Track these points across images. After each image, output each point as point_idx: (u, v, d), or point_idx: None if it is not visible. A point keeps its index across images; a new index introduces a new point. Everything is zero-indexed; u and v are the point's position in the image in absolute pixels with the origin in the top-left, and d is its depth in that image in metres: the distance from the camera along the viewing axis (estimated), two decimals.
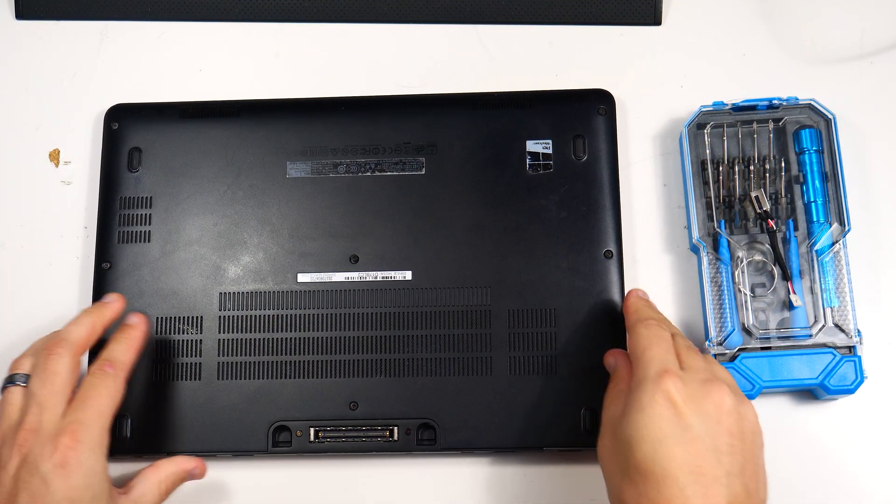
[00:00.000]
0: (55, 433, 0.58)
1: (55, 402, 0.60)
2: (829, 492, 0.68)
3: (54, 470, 0.57)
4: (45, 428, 0.58)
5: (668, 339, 0.60)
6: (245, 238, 0.72)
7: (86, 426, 0.59)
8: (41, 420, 0.59)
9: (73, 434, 0.58)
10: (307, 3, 0.79)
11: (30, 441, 0.58)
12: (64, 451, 0.57)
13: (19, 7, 0.80)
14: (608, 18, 0.78)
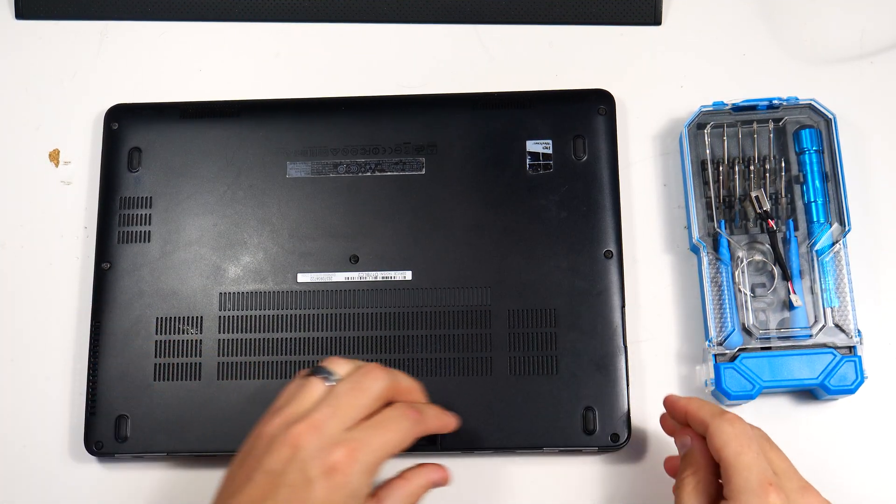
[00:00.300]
0: (335, 441, 0.55)
1: (350, 413, 0.57)
2: (829, 492, 0.67)
3: (321, 476, 0.54)
4: (328, 432, 0.56)
5: (755, 438, 0.58)
6: (245, 238, 0.72)
7: (367, 449, 0.56)
8: (328, 422, 0.56)
9: (353, 451, 0.55)
10: (307, 3, 0.79)
11: (307, 437, 0.55)
12: (337, 464, 0.55)
13: (19, 7, 0.80)
14: (608, 18, 0.78)
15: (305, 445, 0.55)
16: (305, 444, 0.55)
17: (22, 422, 0.72)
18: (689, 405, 0.61)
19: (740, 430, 0.57)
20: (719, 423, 0.58)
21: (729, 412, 0.60)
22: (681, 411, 0.62)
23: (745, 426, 0.58)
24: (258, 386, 0.69)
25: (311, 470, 0.54)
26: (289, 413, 0.57)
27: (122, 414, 0.69)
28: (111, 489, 0.70)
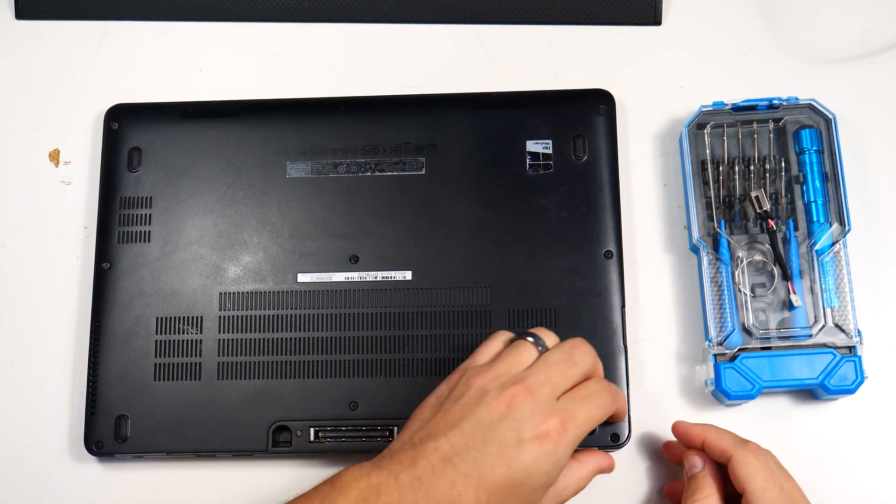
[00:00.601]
0: (548, 409, 0.56)
1: (561, 383, 0.58)
2: (830, 492, 0.68)
3: (533, 441, 0.55)
4: (541, 398, 0.56)
5: (777, 471, 0.60)
6: (245, 238, 0.72)
7: (576, 422, 0.57)
8: (542, 388, 0.57)
9: (564, 422, 0.56)
10: (307, 3, 0.79)
11: (522, 398, 0.56)
12: (550, 431, 0.55)
13: (19, 7, 0.80)
14: (608, 18, 0.78)
15: (520, 407, 0.56)
16: (520, 406, 0.56)
17: (22, 422, 0.72)
18: (706, 433, 0.63)
19: (764, 462, 0.60)
20: (744, 455, 0.60)
21: (751, 442, 0.62)
22: (697, 438, 0.64)
23: (767, 458, 0.60)
24: (258, 386, 0.69)
25: (523, 432, 0.55)
26: (501, 371, 0.58)
27: (122, 414, 0.69)
28: (111, 489, 0.70)
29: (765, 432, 0.68)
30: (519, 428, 0.55)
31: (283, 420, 0.68)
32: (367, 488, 0.55)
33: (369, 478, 0.55)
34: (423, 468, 0.55)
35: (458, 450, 0.55)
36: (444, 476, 0.54)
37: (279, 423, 0.68)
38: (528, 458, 0.55)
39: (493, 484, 0.54)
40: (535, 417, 0.56)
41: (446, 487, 0.54)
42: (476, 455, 0.55)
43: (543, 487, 0.56)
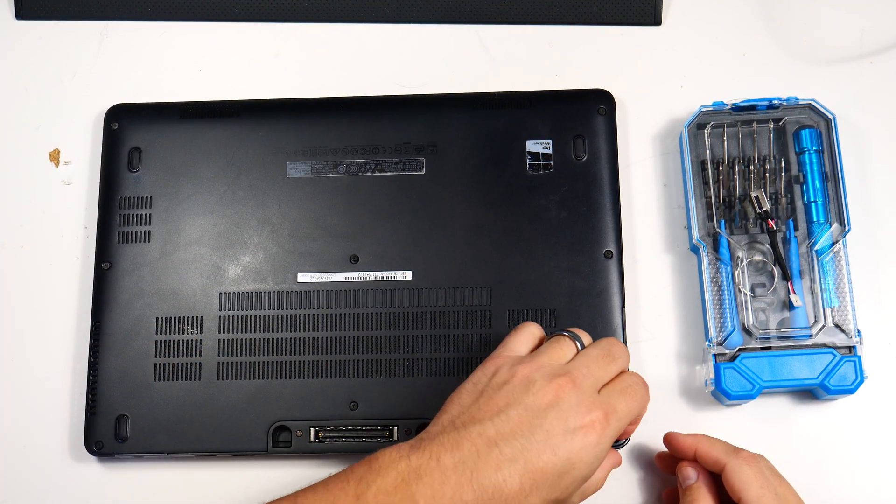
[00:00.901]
0: (592, 402, 0.57)
1: (601, 377, 0.59)
2: (830, 492, 0.68)
3: (579, 430, 0.56)
4: (585, 390, 0.57)
5: (771, 478, 0.60)
6: (245, 238, 0.72)
7: (617, 416, 0.58)
8: (586, 381, 0.58)
9: (607, 415, 0.57)
10: (307, 3, 0.79)
11: (568, 389, 0.57)
12: (594, 423, 0.56)
13: (19, 7, 0.80)
14: (608, 18, 0.78)
15: (567, 397, 0.57)
16: (567, 396, 0.57)
17: (22, 422, 0.72)
18: (698, 443, 0.63)
19: (758, 470, 0.60)
20: (738, 464, 0.60)
21: (742, 450, 0.62)
22: (688, 449, 0.64)
23: (761, 466, 0.61)
24: (258, 386, 0.69)
25: (570, 421, 0.56)
26: (544, 362, 0.59)
27: (122, 414, 0.69)
28: (111, 489, 0.70)
29: (765, 432, 0.68)
30: (566, 417, 0.56)
31: (283, 420, 0.68)
32: (406, 470, 0.55)
33: (409, 459, 0.55)
34: (467, 451, 0.55)
35: (505, 435, 0.55)
36: (489, 460, 0.55)
37: (279, 423, 0.68)
38: (574, 448, 0.55)
39: (538, 471, 0.55)
40: (581, 408, 0.56)
41: (492, 471, 0.54)
42: (523, 441, 0.55)
43: (583, 479, 0.57)
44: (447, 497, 0.54)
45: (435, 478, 0.54)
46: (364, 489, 0.54)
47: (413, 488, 0.54)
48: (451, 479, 0.54)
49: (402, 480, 0.54)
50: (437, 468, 0.55)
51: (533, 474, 0.55)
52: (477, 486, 0.54)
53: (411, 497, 0.54)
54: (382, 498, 0.54)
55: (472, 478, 0.54)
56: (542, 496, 0.55)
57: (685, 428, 0.68)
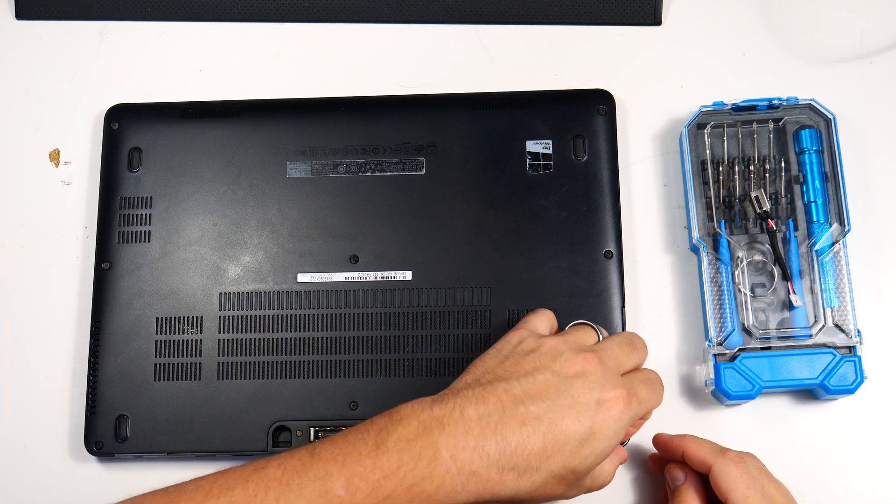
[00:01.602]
0: (616, 380, 0.58)
1: (623, 363, 0.60)
2: (830, 492, 0.68)
3: (604, 403, 0.56)
4: (610, 369, 0.58)
5: (757, 478, 0.60)
6: (245, 238, 0.72)
7: (638, 400, 0.58)
8: (610, 361, 0.58)
9: (629, 395, 0.57)
10: (307, 3, 0.79)
11: (595, 364, 0.58)
12: (618, 399, 0.57)
13: (19, 7, 0.80)
14: (608, 18, 0.78)
15: (593, 371, 0.57)
16: (593, 371, 0.57)
17: (22, 422, 0.72)
18: (685, 445, 0.64)
19: (744, 470, 0.60)
20: (724, 465, 0.60)
21: (729, 450, 0.62)
22: (676, 450, 0.64)
23: (747, 466, 0.61)
24: (258, 386, 0.69)
25: (595, 394, 0.56)
26: (570, 339, 0.60)
27: (122, 414, 0.69)
28: (111, 489, 0.70)
29: (765, 432, 0.68)
30: (592, 388, 0.57)
31: (283, 420, 0.68)
32: (429, 419, 0.54)
33: (431, 410, 0.55)
34: (492, 405, 0.55)
35: (532, 395, 0.56)
36: (514, 416, 0.55)
37: (279, 423, 0.68)
38: (598, 419, 0.56)
39: (561, 434, 0.55)
40: (607, 383, 0.57)
41: (517, 426, 0.54)
42: (549, 403, 0.55)
43: (601, 453, 0.57)
44: (469, 447, 0.54)
45: (458, 428, 0.54)
46: (384, 438, 0.54)
47: (435, 436, 0.54)
48: (475, 429, 0.54)
49: (424, 429, 0.54)
50: (461, 419, 0.54)
51: (556, 436, 0.55)
52: (501, 439, 0.54)
53: (433, 444, 0.53)
54: (403, 445, 0.53)
55: (497, 430, 0.54)
56: (561, 461, 0.55)
57: (685, 428, 0.68)
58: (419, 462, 0.53)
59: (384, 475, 0.53)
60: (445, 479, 0.53)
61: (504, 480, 0.54)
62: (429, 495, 0.53)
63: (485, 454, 0.54)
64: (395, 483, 0.53)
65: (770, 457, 0.65)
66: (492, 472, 0.54)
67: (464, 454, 0.53)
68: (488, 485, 0.54)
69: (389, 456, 0.53)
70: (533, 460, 0.54)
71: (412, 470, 0.53)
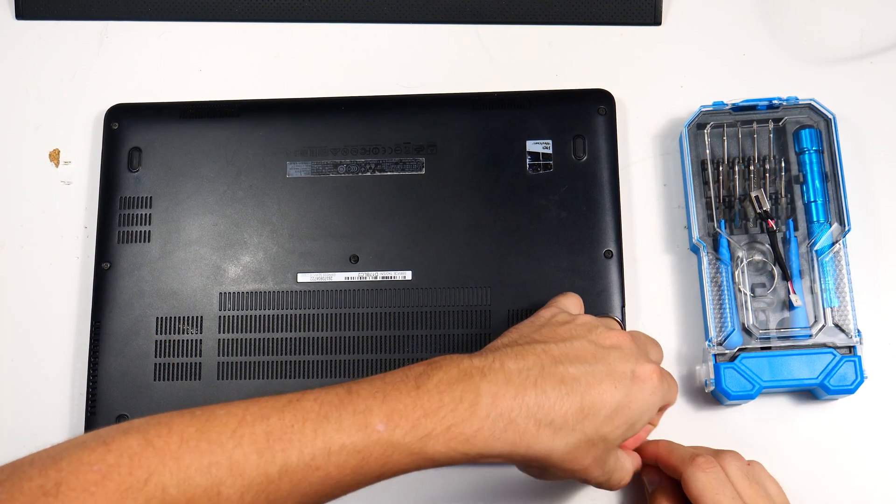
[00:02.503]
0: (648, 360, 0.58)
1: (649, 351, 0.61)
2: (829, 492, 0.68)
3: (638, 375, 0.57)
4: (642, 350, 0.59)
5: (727, 482, 0.60)
6: (245, 238, 0.72)
7: (666, 384, 0.59)
8: (637, 344, 0.59)
9: (661, 376, 0.58)
10: (307, 3, 0.79)
11: (628, 342, 0.58)
12: (652, 375, 0.57)
13: (19, 7, 0.80)
14: (608, 18, 0.78)
15: (628, 346, 0.58)
16: (627, 345, 0.58)
17: (22, 422, 0.72)
18: (658, 451, 0.64)
19: (713, 476, 0.60)
20: (693, 472, 0.60)
21: (700, 456, 0.61)
22: (650, 455, 0.64)
23: (717, 470, 0.61)
24: (258, 386, 0.69)
25: (630, 365, 0.57)
26: (600, 319, 0.61)
27: (122, 414, 0.69)
28: None
29: (765, 432, 0.68)
30: (627, 359, 0.57)
31: None
32: (469, 367, 0.54)
33: (471, 361, 0.55)
34: (532, 362, 0.55)
35: (570, 357, 0.56)
36: (553, 373, 0.55)
37: None
38: (633, 389, 0.56)
39: (597, 398, 0.55)
40: (641, 358, 0.58)
41: (556, 384, 0.54)
42: (587, 367, 0.56)
43: (631, 427, 0.57)
44: (510, 396, 0.53)
45: (499, 377, 0.54)
46: (424, 381, 0.53)
47: (477, 381, 0.53)
48: (515, 381, 0.54)
49: (464, 374, 0.54)
50: (502, 370, 0.54)
51: (593, 399, 0.55)
52: (540, 392, 0.54)
53: (475, 388, 0.53)
54: (444, 387, 0.53)
55: (536, 384, 0.54)
56: (595, 425, 0.55)
57: (685, 428, 0.68)
58: (460, 404, 0.52)
59: (424, 413, 0.52)
60: (485, 424, 0.52)
61: (540, 434, 0.54)
62: (466, 438, 0.52)
63: (524, 405, 0.53)
64: (436, 422, 0.52)
65: (770, 457, 0.65)
66: (529, 424, 0.53)
67: (504, 402, 0.53)
68: (525, 436, 0.53)
69: (430, 396, 0.52)
70: (570, 419, 0.54)
71: (452, 411, 0.52)
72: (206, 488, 0.48)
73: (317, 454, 0.50)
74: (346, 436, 0.50)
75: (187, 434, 0.49)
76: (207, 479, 0.48)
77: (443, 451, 0.52)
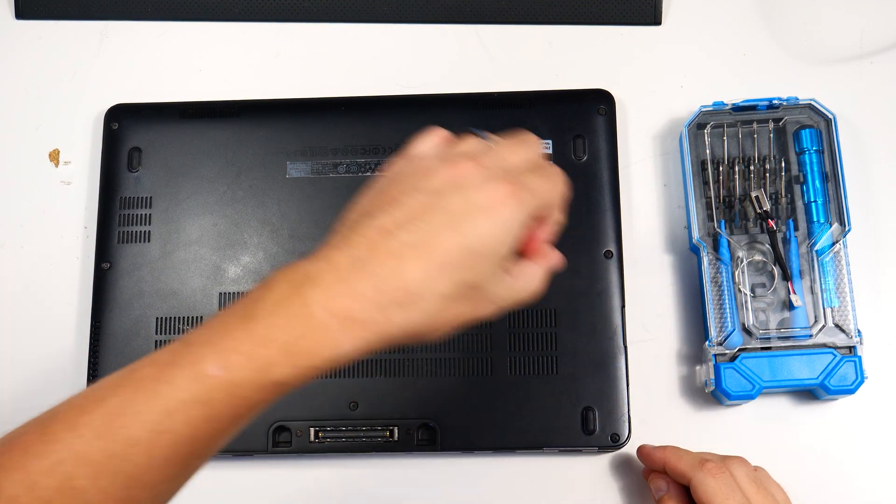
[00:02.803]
0: (500, 178, 0.51)
1: (512, 160, 0.53)
2: (830, 492, 0.68)
3: (481, 210, 0.50)
4: (492, 170, 0.52)
5: (737, 487, 0.60)
6: (245, 238, 0.72)
7: (529, 194, 0.52)
8: (492, 164, 0.52)
9: (516, 191, 0.51)
10: (307, 3, 0.79)
11: (471, 169, 0.51)
12: (504, 198, 0.50)
13: (19, 7, 0.80)
14: (608, 18, 0.78)
15: (470, 176, 0.52)
16: (470, 175, 0.52)
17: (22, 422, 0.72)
18: (666, 457, 0.64)
19: (722, 481, 0.60)
20: (702, 477, 0.61)
21: (709, 462, 0.62)
22: (658, 462, 0.64)
23: (726, 475, 0.61)
24: None
25: (475, 199, 0.51)
26: (446, 153, 0.54)
27: None
28: None
29: (765, 432, 0.68)
30: (469, 195, 0.51)
31: (283, 420, 0.68)
32: (300, 278, 0.49)
33: (303, 268, 0.50)
34: (360, 247, 0.50)
35: (401, 222, 0.50)
36: (385, 250, 0.49)
37: (279, 423, 0.68)
38: (482, 226, 0.50)
39: (444, 254, 0.49)
40: (487, 185, 0.51)
41: (391, 262, 0.49)
42: (422, 225, 0.50)
43: (497, 259, 0.51)
44: (343, 294, 0.49)
45: (329, 278, 0.49)
46: (256, 308, 0.49)
47: (307, 293, 0.49)
48: (346, 275, 0.49)
49: (294, 288, 0.49)
50: (331, 269, 0.49)
51: (439, 259, 0.49)
52: (376, 278, 0.49)
53: (305, 302, 0.49)
54: (273, 308, 0.49)
55: (372, 272, 0.49)
56: (451, 280, 0.50)
57: (685, 428, 0.68)
58: (291, 321, 0.49)
59: (257, 342, 0.48)
60: (325, 333, 0.49)
61: (389, 318, 0.49)
62: (311, 353, 0.49)
63: (360, 297, 0.49)
64: (273, 349, 0.48)
65: (770, 457, 0.65)
66: (372, 314, 0.49)
67: (337, 302, 0.49)
68: (374, 327, 0.49)
69: (259, 322, 0.49)
70: (414, 289, 0.49)
71: (287, 331, 0.49)
72: (58, 487, 0.47)
73: (160, 419, 0.48)
74: (183, 391, 0.48)
75: (28, 442, 0.48)
76: (56, 478, 0.47)
77: (291, 373, 0.49)
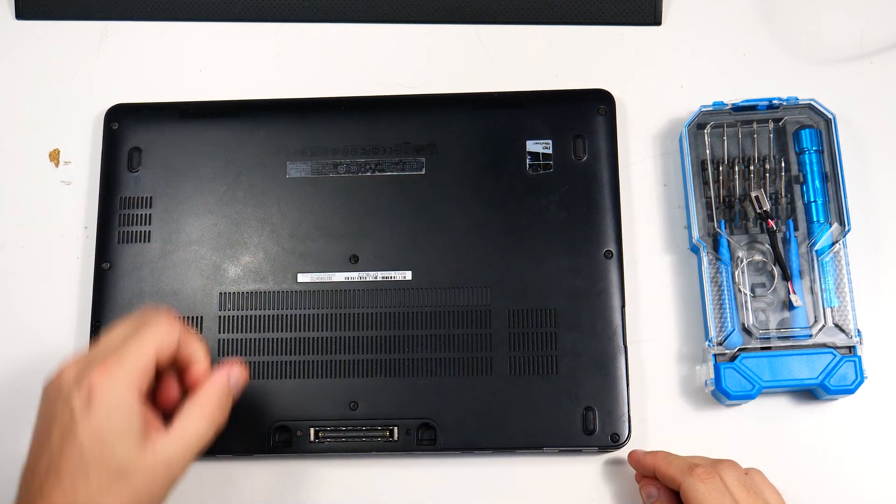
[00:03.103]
0: (89, 366, 0.54)
1: (105, 344, 0.55)
2: (829, 492, 0.68)
3: (83, 406, 0.52)
4: (84, 362, 0.54)
5: (726, 492, 0.61)
6: (245, 238, 0.72)
7: (120, 361, 0.54)
8: (86, 356, 0.55)
9: (105, 368, 0.53)
10: (307, 3, 0.79)
11: (66, 373, 0.54)
12: (93, 385, 0.52)
13: (19, 7, 0.80)
14: (608, 18, 0.78)
15: (65, 380, 0.54)
16: (65, 379, 0.54)
17: (22, 423, 0.72)
18: (656, 462, 0.64)
19: (712, 486, 0.61)
20: (692, 482, 0.61)
21: (698, 467, 0.62)
22: (648, 468, 0.65)
23: (715, 481, 0.61)
24: (258, 386, 0.69)
25: (73, 402, 0.53)
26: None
27: None
28: None
29: (765, 432, 0.68)
30: (69, 402, 0.53)
31: (283, 420, 0.68)
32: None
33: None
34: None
35: (35, 449, 0.53)
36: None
37: (279, 423, 0.68)
38: (89, 427, 0.52)
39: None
40: (78, 381, 0.53)
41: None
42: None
43: (123, 438, 0.53)
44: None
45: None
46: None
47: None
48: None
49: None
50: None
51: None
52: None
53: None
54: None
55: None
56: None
57: (685, 428, 0.68)
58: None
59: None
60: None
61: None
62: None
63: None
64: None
65: (770, 457, 0.65)
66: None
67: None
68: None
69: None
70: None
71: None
72: None
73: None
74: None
75: None
76: None
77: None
